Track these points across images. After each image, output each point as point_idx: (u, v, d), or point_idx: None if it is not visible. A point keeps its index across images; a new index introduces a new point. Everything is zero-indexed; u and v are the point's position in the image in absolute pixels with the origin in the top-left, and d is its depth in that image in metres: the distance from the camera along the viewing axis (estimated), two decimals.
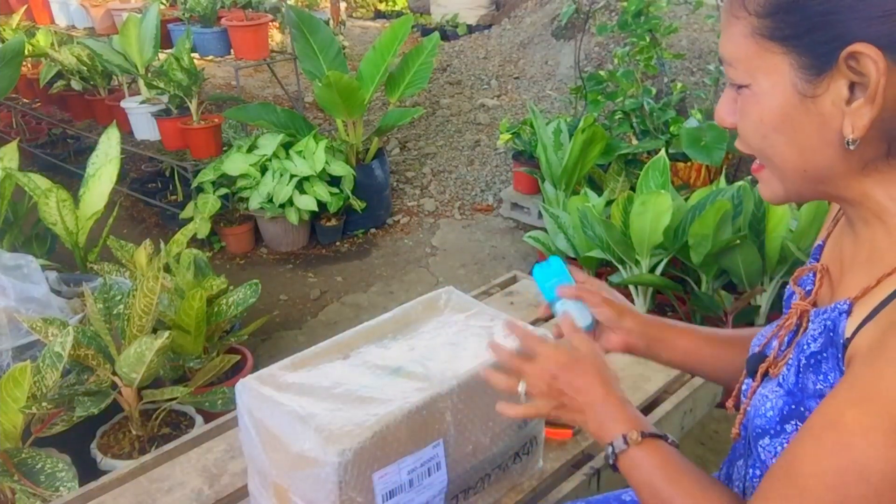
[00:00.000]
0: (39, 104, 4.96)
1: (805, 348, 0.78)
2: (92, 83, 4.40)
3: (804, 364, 0.78)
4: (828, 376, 0.74)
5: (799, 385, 0.78)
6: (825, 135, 0.71)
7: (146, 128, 3.88)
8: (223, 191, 3.68)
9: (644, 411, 1.53)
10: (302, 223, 3.72)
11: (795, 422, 0.77)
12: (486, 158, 4.66)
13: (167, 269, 2.43)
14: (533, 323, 1.70)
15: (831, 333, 0.75)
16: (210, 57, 3.98)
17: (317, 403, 1.06)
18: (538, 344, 0.97)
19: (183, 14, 3.91)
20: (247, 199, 3.65)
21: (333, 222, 3.88)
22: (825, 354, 0.75)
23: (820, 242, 0.90)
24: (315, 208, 3.60)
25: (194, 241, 3.59)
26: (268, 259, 3.79)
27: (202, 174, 3.66)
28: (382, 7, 8.63)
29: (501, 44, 6.18)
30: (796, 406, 0.77)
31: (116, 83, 4.42)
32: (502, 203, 4.15)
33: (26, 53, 4.20)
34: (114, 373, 1.92)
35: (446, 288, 1.37)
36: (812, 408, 0.76)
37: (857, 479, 0.64)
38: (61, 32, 4.65)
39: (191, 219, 3.50)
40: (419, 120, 5.14)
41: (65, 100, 4.63)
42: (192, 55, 3.74)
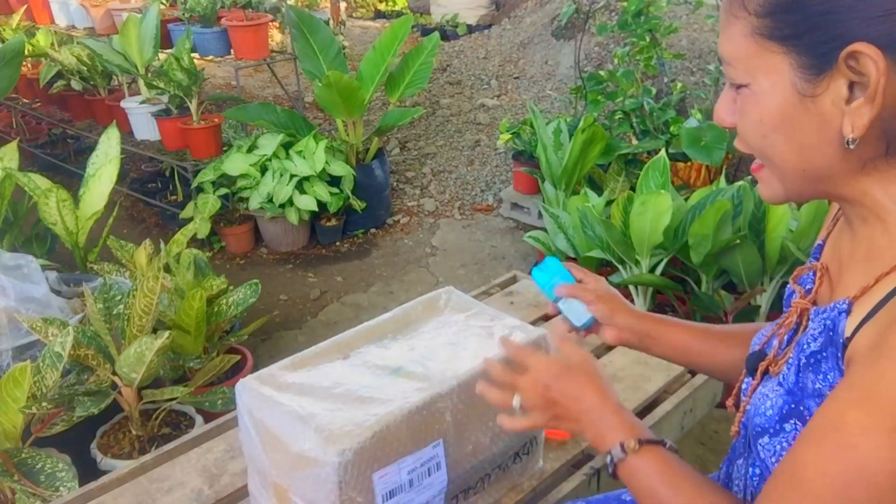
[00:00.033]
0: (39, 104, 4.96)
1: (805, 347, 0.78)
2: (92, 83, 4.40)
3: (804, 363, 0.78)
4: (827, 376, 0.74)
5: (799, 384, 0.78)
6: (825, 134, 0.72)
7: (146, 128, 3.89)
8: (223, 191, 3.68)
9: (644, 411, 1.53)
10: (302, 223, 3.72)
11: (795, 421, 0.77)
12: (486, 158, 4.66)
13: (167, 269, 2.43)
14: (533, 322, 1.70)
15: (831, 333, 0.75)
16: (210, 57, 3.98)
17: (317, 403, 1.06)
18: (529, 356, 0.97)
19: (183, 14, 3.91)
20: (247, 199, 3.66)
21: (333, 222, 3.88)
22: (825, 354, 0.75)
23: (820, 242, 0.90)
24: (315, 208, 3.60)
25: (194, 241, 3.59)
26: (268, 259, 3.79)
27: (202, 174, 3.66)
28: (382, 7, 8.63)
29: (501, 44, 6.17)
30: (796, 405, 0.77)
31: (116, 83, 4.42)
32: (502, 203, 4.14)
33: (26, 53, 4.20)
34: (114, 373, 1.92)
35: (446, 288, 1.37)
36: (811, 407, 0.76)
37: (862, 481, 0.64)
38: (61, 32, 4.65)
39: (191, 219, 3.50)
40: (419, 120, 5.14)
41: (65, 100, 4.63)
42: (192, 55, 3.74)
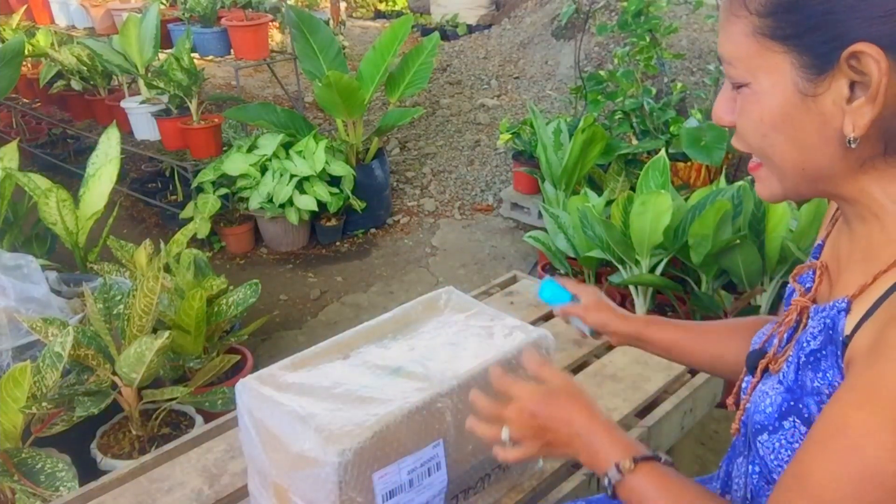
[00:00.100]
0: (39, 104, 4.96)
1: (805, 345, 0.78)
2: (92, 83, 4.40)
3: (803, 361, 0.78)
4: (826, 374, 0.74)
5: (798, 382, 0.78)
6: (825, 133, 0.72)
7: (146, 128, 3.89)
8: (223, 191, 3.68)
9: (644, 411, 1.53)
10: (302, 223, 3.72)
11: (794, 418, 0.77)
12: (486, 158, 4.66)
13: (167, 269, 2.43)
14: (533, 322, 1.70)
15: (830, 331, 0.75)
16: (210, 57, 3.98)
17: (317, 403, 1.06)
18: (511, 386, 0.96)
19: (183, 14, 3.91)
20: (247, 199, 3.66)
21: (333, 222, 3.88)
22: (824, 352, 0.75)
23: (820, 242, 0.90)
24: (315, 208, 3.60)
25: (194, 241, 3.59)
26: (268, 259, 3.78)
27: (202, 174, 3.66)
28: (382, 7, 8.63)
29: (501, 44, 6.17)
30: (795, 403, 0.77)
31: (116, 83, 4.42)
32: (502, 203, 4.14)
33: (26, 53, 4.20)
34: (114, 373, 1.92)
35: (446, 288, 1.37)
36: (809, 405, 0.76)
37: (871, 482, 0.63)
38: (61, 32, 4.65)
39: (191, 219, 3.50)
40: (419, 120, 5.14)
41: (65, 100, 4.63)
42: (192, 55, 3.74)
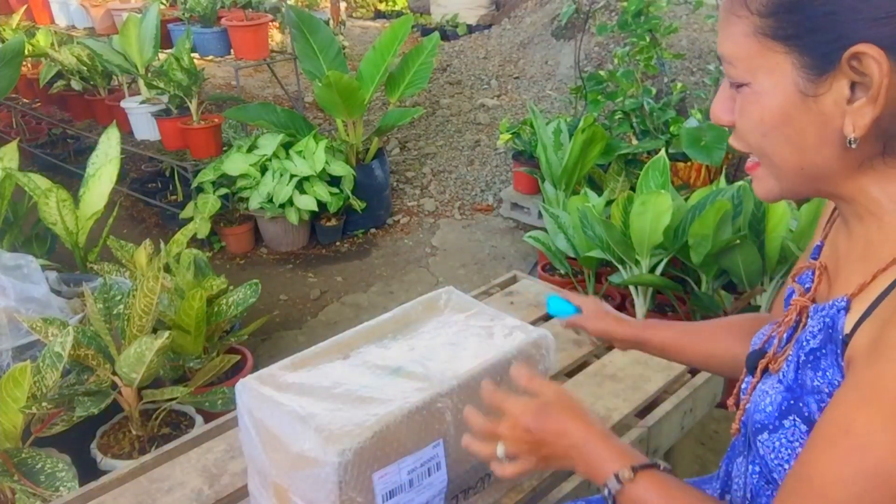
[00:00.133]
0: (39, 104, 4.96)
1: (804, 345, 0.78)
2: (92, 83, 4.40)
3: (803, 360, 0.78)
4: (826, 373, 0.74)
5: (798, 381, 0.78)
6: (825, 133, 0.72)
7: (146, 128, 3.89)
8: (223, 191, 3.68)
9: (644, 411, 1.53)
10: (302, 223, 3.72)
11: (794, 417, 0.77)
12: (486, 158, 4.66)
13: (167, 269, 2.43)
14: (533, 322, 1.70)
15: (830, 330, 0.75)
16: (210, 57, 3.98)
17: (317, 403, 1.06)
18: (503, 402, 0.95)
19: (183, 14, 3.91)
20: (247, 199, 3.65)
21: (333, 222, 3.88)
22: (824, 351, 0.75)
23: (819, 243, 0.90)
24: (315, 208, 3.60)
25: (194, 241, 3.59)
26: (268, 259, 3.78)
27: (202, 174, 3.66)
28: (382, 7, 8.63)
29: (501, 44, 6.17)
30: (794, 402, 0.77)
31: (116, 83, 4.42)
32: (502, 203, 4.14)
33: (26, 53, 4.20)
34: (114, 373, 1.92)
35: (446, 288, 1.37)
36: (809, 404, 0.76)
37: (876, 482, 0.63)
38: (61, 32, 4.65)
39: (191, 219, 3.50)
40: (419, 120, 5.14)
41: (65, 100, 4.63)
42: (192, 55, 3.74)
